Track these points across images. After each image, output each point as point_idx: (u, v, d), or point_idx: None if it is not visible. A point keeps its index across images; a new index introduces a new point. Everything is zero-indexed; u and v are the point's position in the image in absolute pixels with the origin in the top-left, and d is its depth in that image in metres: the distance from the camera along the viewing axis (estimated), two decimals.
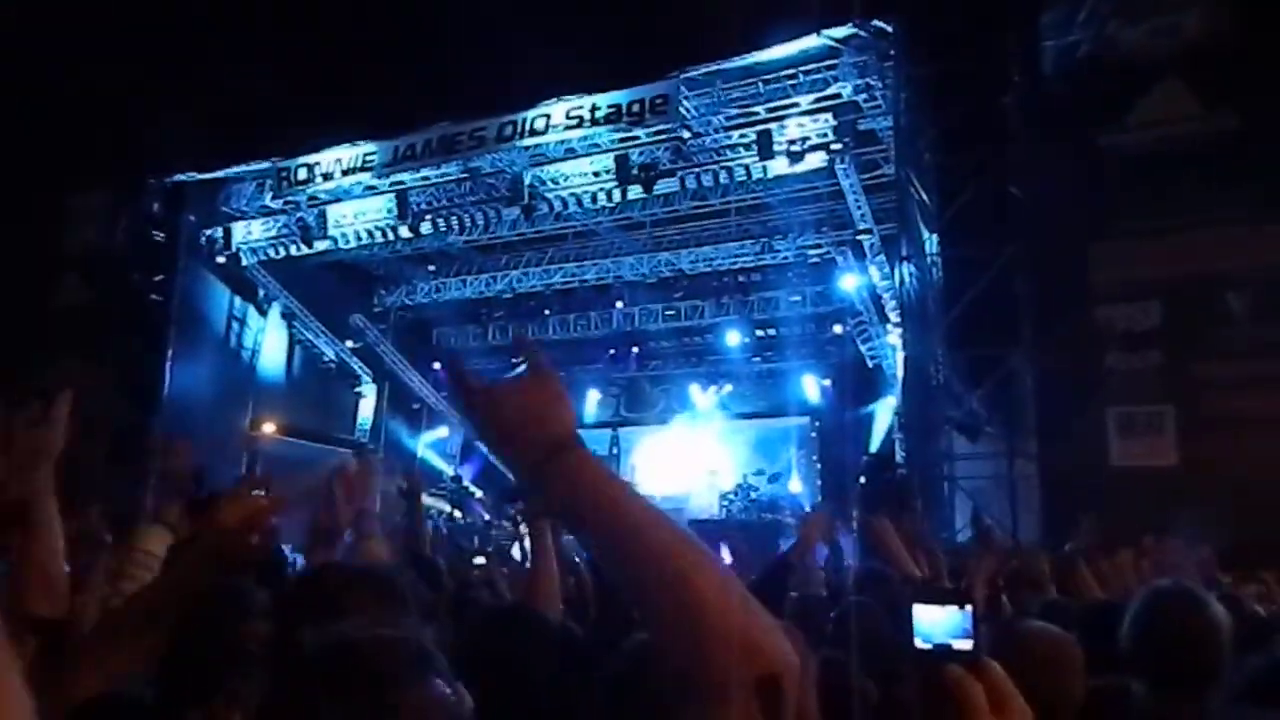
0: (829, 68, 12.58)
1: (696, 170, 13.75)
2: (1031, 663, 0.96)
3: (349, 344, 19.85)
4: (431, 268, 19.63)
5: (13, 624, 1.53)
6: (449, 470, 20.64)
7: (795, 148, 12.81)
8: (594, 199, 14.65)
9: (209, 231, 16.55)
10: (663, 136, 13.52)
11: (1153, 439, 9.91)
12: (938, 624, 1.04)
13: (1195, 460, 9.55)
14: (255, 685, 1.64)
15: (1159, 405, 10.00)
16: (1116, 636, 2.34)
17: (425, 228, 15.67)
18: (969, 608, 1.06)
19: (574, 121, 13.49)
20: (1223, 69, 10.27)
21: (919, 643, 1.05)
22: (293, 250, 16.45)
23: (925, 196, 11.99)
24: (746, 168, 13.47)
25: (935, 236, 12.08)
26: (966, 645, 1.04)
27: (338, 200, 15.83)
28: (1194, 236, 10.11)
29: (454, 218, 15.49)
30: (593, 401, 21.43)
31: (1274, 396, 9.57)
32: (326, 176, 15.18)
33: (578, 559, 5.08)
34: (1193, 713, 2.20)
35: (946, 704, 0.99)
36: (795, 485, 19.19)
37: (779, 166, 13.20)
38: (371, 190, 15.64)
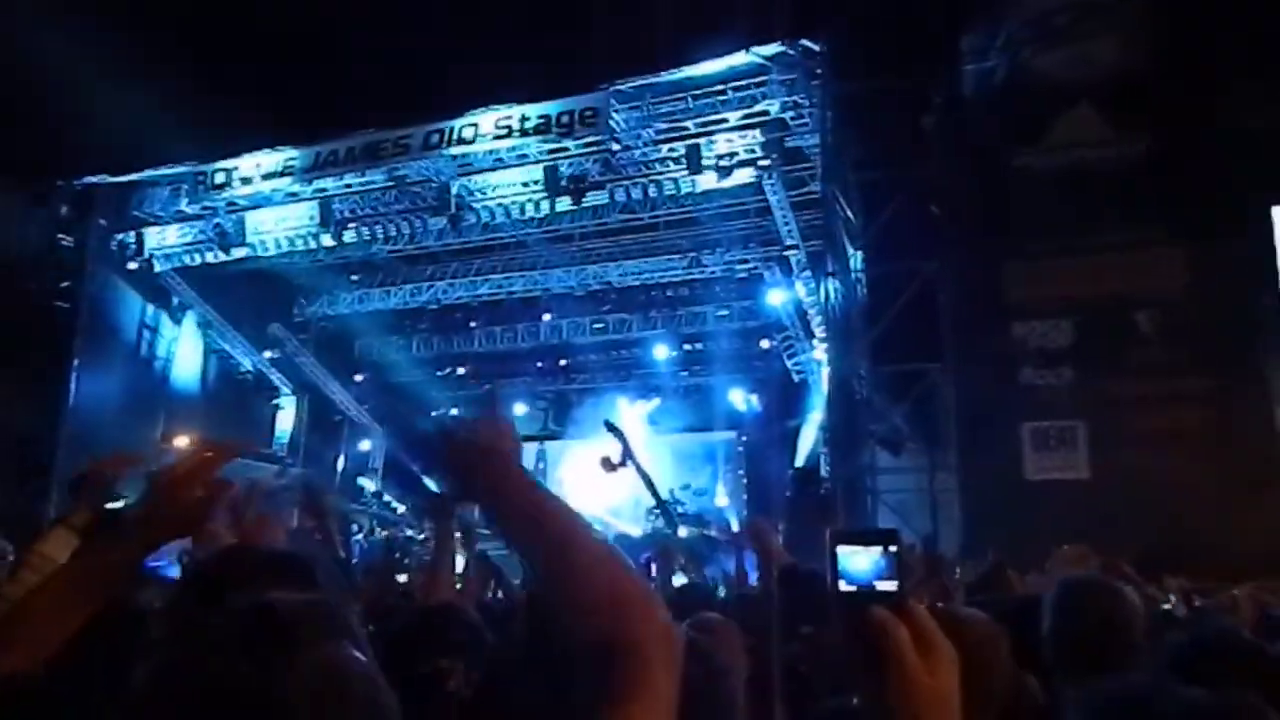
0: (758, 84, 12.85)
1: (626, 183, 13.91)
2: (962, 645, 1.02)
3: (267, 354, 19.50)
4: (355, 278, 19.39)
5: None
6: (371, 485, 20.37)
7: (724, 163, 13.05)
8: (522, 210, 14.68)
9: (120, 236, 16.17)
10: (592, 148, 13.64)
11: (1065, 453, 10.30)
12: (861, 565, 1.05)
13: (1105, 474, 9.93)
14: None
15: (1071, 421, 10.39)
16: (1037, 630, 2.44)
17: (348, 236, 15.54)
18: (893, 548, 1.06)
19: (503, 131, 13.54)
20: (1134, 95, 10.75)
21: (843, 585, 1.06)
22: (209, 257, 16.15)
23: (850, 213, 12.28)
24: (675, 182, 13.67)
25: (860, 253, 12.37)
26: (891, 586, 1.05)
27: (257, 206, 15.60)
28: (1104, 257, 10.54)
29: (378, 227, 15.39)
30: (520, 414, 21.36)
31: (1179, 413, 10.03)
32: (245, 181, 14.96)
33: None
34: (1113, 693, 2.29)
35: (871, 646, 1.01)
36: (722, 499, 19.38)
37: (707, 181, 13.42)
38: (293, 197, 15.44)
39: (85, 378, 15.24)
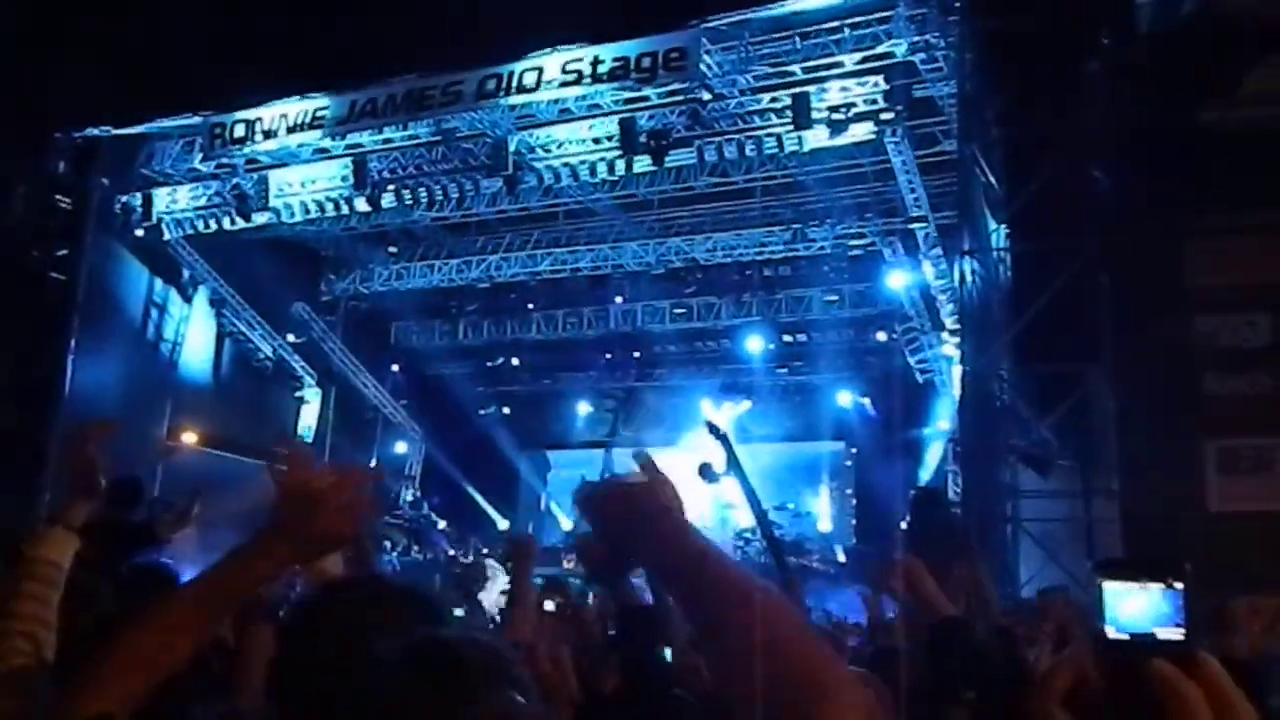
0: (880, 21, 12.70)
1: (717, 140, 13.86)
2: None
3: (290, 338, 19.96)
4: (392, 250, 19.74)
5: None
6: (407, 494, 20.71)
7: (837, 116, 12.93)
8: (592, 171, 14.76)
9: (125, 198, 16.63)
10: (678, 98, 13.65)
11: (1261, 479, 9.98)
12: (1136, 608, 0.99)
13: None
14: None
15: (1269, 438, 10.07)
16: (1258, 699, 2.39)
17: (386, 200, 15.77)
18: (1180, 585, 0.99)
19: (571, 77, 13.59)
20: None
21: (1111, 631, 1.00)
22: (226, 223, 16.54)
23: (992, 179, 12.08)
24: (778, 138, 13.56)
25: (1003, 227, 12.17)
26: (1176, 634, 0.98)
27: (282, 164, 15.95)
28: None
29: (421, 189, 15.57)
30: (583, 415, 21.53)
31: None
32: (269, 135, 15.27)
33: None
34: None
35: (1154, 710, 0.94)
36: (825, 524, 19.29)
37: (817, 138, 13.31)
38: (322, 154, 15.75)
39: (83, 362, 15.71)
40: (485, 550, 17.21)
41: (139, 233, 16.82)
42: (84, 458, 2.41)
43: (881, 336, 18.16)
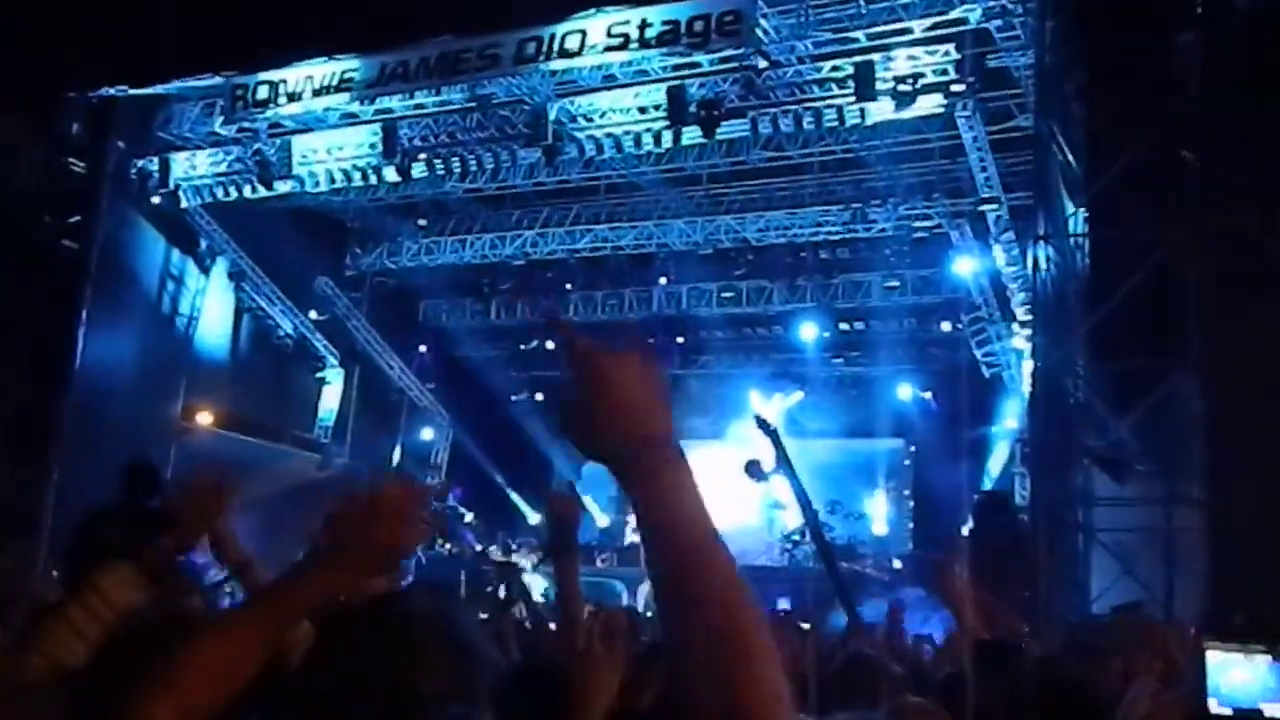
0: None
1: (773, 111, 13.76)
2: None
3: (312, 315, 20.09)
4: (422, 222, 19.79)
5: None
6: (433, 484, 20.79)
7: (903, 87, 12.79)
8: (637, 142, 14.71)
9: (141, 163, 16.74)
10: (731, 65, 13.57)
11: None
12: (1241, 680, 0.97)
13: None
14: None
15: None
16: None
17: (417, 170, 15.82)
18: None
19: (617, 41, 13.53)
20: None
21: (1214, 705, 0.98)
22: (247, 191, 16.62)
23: (1071, 158, 11.97)
24: (838, 111, 13.48)
25: (1082, 211, 12.07)
26: None
27: (307, 130, 16.03)
28: None
29: (454, 159, 15.62)
30: None
31: None
32: (293, 98, 15.33)
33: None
34: None
35: None
36: (880, 526, 19.20)
37: (881, 110, 13.20)
38: (350, 119, 15.80)
39: (94, 335, 15.82)
40: (514, 546, 17.28)
41: (155, 200, 16.91)
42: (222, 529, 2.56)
43: (946, 326, 18.06)
